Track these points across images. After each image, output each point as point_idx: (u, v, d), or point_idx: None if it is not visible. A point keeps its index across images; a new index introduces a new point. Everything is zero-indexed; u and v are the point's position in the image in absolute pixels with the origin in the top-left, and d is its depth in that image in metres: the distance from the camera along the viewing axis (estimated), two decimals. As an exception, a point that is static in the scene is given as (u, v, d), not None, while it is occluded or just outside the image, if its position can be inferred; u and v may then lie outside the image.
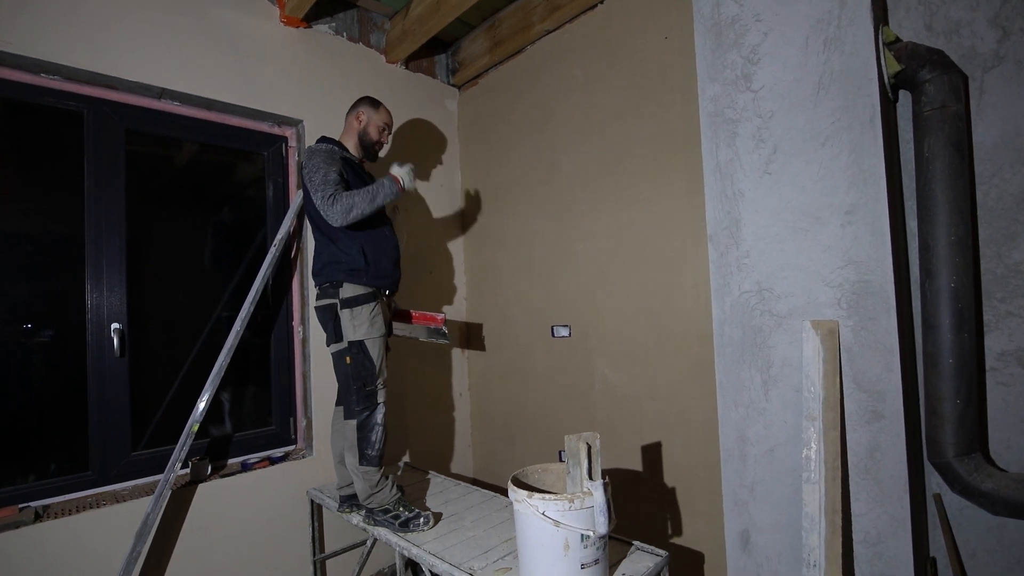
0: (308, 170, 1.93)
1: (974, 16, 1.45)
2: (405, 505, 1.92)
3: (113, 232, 2.07)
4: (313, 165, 1.91)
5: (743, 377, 1.56)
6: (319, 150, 1.97)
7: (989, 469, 1.33)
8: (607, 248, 2.41)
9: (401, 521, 1.86)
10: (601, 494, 1.39)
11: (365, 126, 2.11)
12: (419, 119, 2.98)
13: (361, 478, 1.89)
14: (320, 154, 1.94)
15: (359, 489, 1.92)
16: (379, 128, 2.14)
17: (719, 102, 1.62)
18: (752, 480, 1.54)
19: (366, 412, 1.88)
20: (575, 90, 2.54)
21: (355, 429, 1.87)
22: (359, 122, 2.12)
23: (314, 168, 1.90)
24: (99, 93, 2.05)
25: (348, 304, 1.89)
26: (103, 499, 1.95)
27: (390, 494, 1.92)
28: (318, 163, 1.91)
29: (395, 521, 1.86)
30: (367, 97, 2.18)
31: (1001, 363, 1.43)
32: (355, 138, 2.11)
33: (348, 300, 1.90)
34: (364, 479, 1.89)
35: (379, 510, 1.90)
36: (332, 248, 1.95)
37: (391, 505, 1.90)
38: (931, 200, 1.38)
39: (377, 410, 1.90)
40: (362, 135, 2.11)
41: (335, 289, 1.92)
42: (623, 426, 2.34)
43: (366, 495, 1.91)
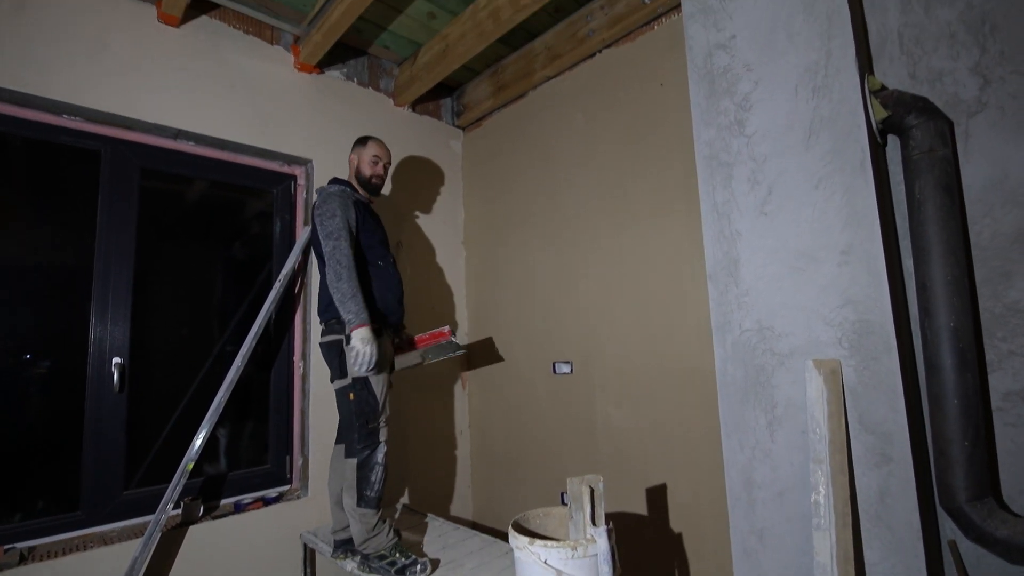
0: (321, 213, 1.95)
1: (955, 65, 1.51)
2: (402, 551, 1.86)
3: (122, 266, 2.10)
4: (328, 210, 1.94)
5: (748, 417, 1.54)
6: (334, 193, 2.01)
7: (1003, 515, 1.29)
8: (608, 284, 2.42)
9: (397, 568, 1.80)
10: (605, 541, 1.35)
11: (357, 165, 2.18)
12: (425, 158, 3.07)
13: (358, 520, 1.84)
14: (335, 198, 1.98)
15: (355, 532, 1.86)
16: (370, 161, 2.17)
17: (714, 146, 1.67)
18: (761, 526, 1.49)
19: (367, 451, 1.85)
20: (575, 132, 2.62)
21: (355, 468, 1.84)
22: (352, 164, 2.20)
23: (328, 213, 1.94)
24: (117, 133, 2.12)
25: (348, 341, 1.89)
26: (90, 541, 1.89)
27: (387, 539, 1.87)
28: (333, 208, 1.94)
29: (391, 568, 1.80)
30: (361, 137, 2.24)
31: (1007, 403, 1.41)
32: (355, 179, 2.18)
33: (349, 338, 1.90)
34: (361, 522, 1.83)
35: (375, 556, 1.84)
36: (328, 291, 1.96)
37: (387, 551, 1.85)
38: (925, 240, 1.40)
39: (378, 449, 1.87)
40: (357, 174, 2.17)
41: (341, 325, 1.92)
42: (627, 466, 2.29)
43: (362, 539, 1.85)
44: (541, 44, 2.71)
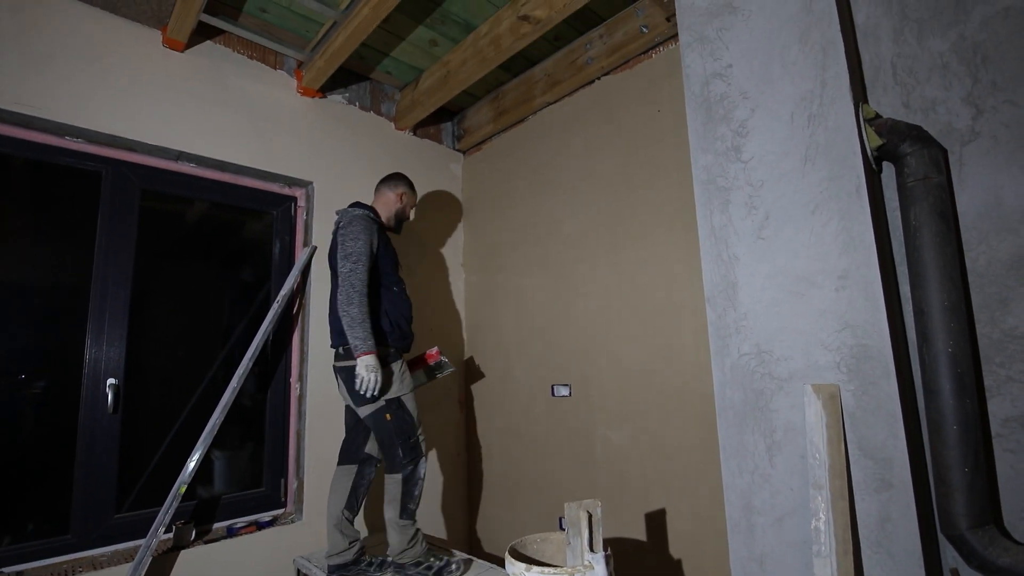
0: (345, 234, 2.01)
1: (948, 95, 1.55)
2: (435, 555, 1.97)
3: (119, 287, 2.09)
4: (352, 232, 2.01)
5: (746, 442, 1.53)
6: (359, 216, 2.06)
7: (1005, 543, 1.28)
8: (607, 307, 2.43)
9: (435, 571, 1.90)
10: (603, 568, 1.33)
11: (405, 206, 2.31)
12: (425, 181, 3.09)
13: (399, 532, 1.92)
14: (360, 221, 2.04)
15: (394, 543, 1.93)
16: (411, 206, 2.37)
17: (711, 171, 1.70)
18: (761, 553, 1.47)
19: (411, 465, 1.93)
20: (574, 156, 2.65)
21: (400, 483, 1.91)
22: (400, 201, 2.29)
23: (352, 235, 2.00)
24: (118, 155, 2.14)
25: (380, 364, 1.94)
26: (79, 566, 1.85)
27: (421, 547, 1.97)
28: (358, 231, 2.01)
29: (428, 572, 1.89)
30: (406, 178, 2.33)
31: (1007, 429, 1.41)
32: (391, 212, 2.27)
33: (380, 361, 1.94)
34: (402, 533, 1.92)
35: (411, 564, 1.92)
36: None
37: (423, 557, 1.95)
38: (922, 266, 1.41)
39: (422, 462, 1.97)
40: (400, 212, 2.29)
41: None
42: (626, 491, 2.27)
43: (400, 550, 1.93)
44: (541, 71, 2.76)
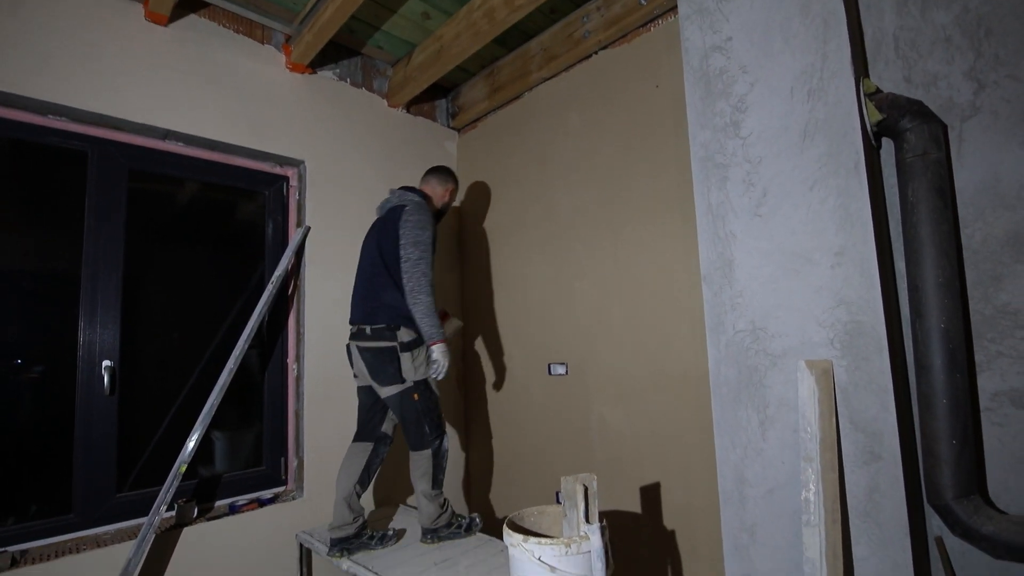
0: (416, 221, 2.07)
1: (950, 69, 1.53)
2: (458, 515, 2.16)
3: (110, 269, 2.07)
4: (422, 220, 2.09)
5: (740, 417, 1.56)
6: (423, 206, 2.15)
7: (989, 512, 1.32)
8: (603, 287, 2.43)
9: (465, 527, 2.13)
10: (598, 538, 1.36)
11: (449, 202, 2.40)
12: (419, 160, 3.05)
13: (432, 502, 2.07)
14: (425, 211, 2.13)
15: (429, 514, 2.07)
16: (451, 201, 2.46)
17: (709, 148, 1.68)
18: (752, 523, 1.51)
19: (438, 440, 2.07)
20: (571, 134, 2.62)
21: (430, 458, 2.05)
22: (447, 197, 2.39)
23: (423, 224, 2.08)
24: (105, 134, 2.10)
25: (409, 347, 2.02)
26: (84, 543, 1.88)
27: (448, 511, 2.13)
28: (427, 220, 2.10)
29: (460, 530, 2.11)
30: (455, 176, 2.42)
31: (995, 403, 1.44)
32: (436, 205, 2.35)
33: (408, 344, 2.02)
34: (434, 502, 2.07)
35: (443, 527, 2.09)
36: (396, 294, 2.06)
37: (452, 519, 2.13)
38: (918, 243, 1.42)
39: (445, 437, 2.12)
40: (443, 207, 2.39)
41: (392, 332, 2.02)
42: (621, 467, 2.31)
43: (434, 517, 2.08)
44: (537, 45, 2.70)
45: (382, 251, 2.11)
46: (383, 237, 2.13)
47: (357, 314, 2.15)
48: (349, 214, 2.68)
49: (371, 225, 2.31)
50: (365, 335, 2.07)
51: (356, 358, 2.13)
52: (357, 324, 2.13)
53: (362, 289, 2.15)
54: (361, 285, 2.17)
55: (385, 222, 2.18)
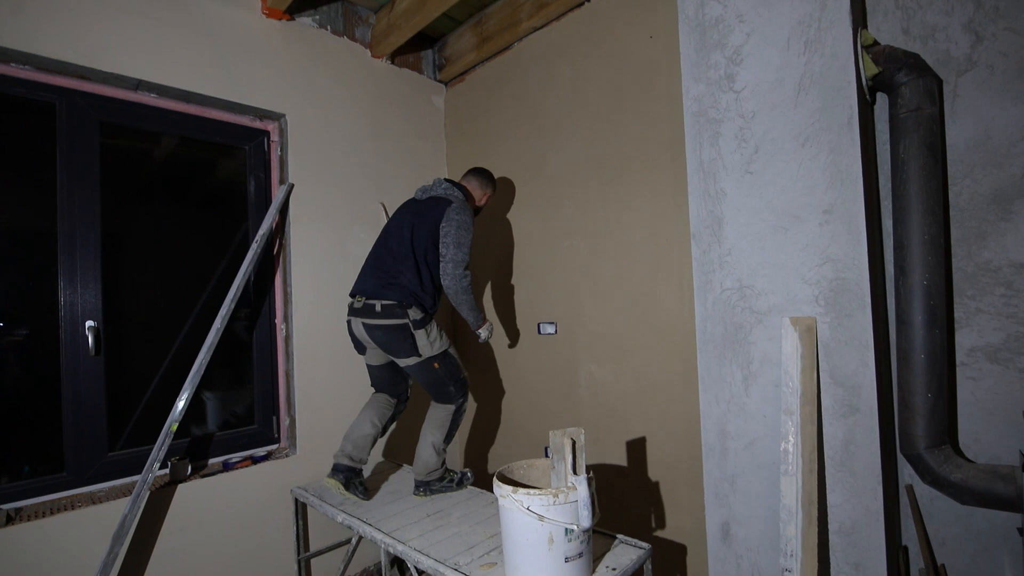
0: (460, 222, 2.09)
1: (949, 21, 1.49)
2: (450, 470, 2.22)
3: (87, 227, 2.01)
4: (466, 221, 2.12)
5: (724, 373, 1.59)
6: (467, 208, 2.17)
7: (958, 460, 1.38)
8: (593, 245, 2.42)
9: (457, 480, 2.20)
10: (585, 488, 1.41)
11: (485, 199, 2.40)
12: (405, 115, 2.96)
13: (436, 454, 2.14)
14: (469, 212, 2.16)
15: (429, 463, 2.14)
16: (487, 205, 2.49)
17: (703, 102, 1.64)
18: (732, 473, 1.57)
19: (462, 398, 2.18)
20: (562, 88, 2.54)
21: (452, 413, 2.16)
22: (485, 201, 2.40)
23: (467, 225, 2.11)
24: (72, 84, 1.99)
25: (421, 324, 2.06)
26: (78, 501, 1.90)
27: (445, 466, 2.22)
28: (469, 222, 2.13)
29: (452, 484, 2.18)
30: (495, 181, 2.43)
31: (971, 358, 1.48)
32: (473, 204, 2.34)
33: (420, 320, 2.06)
34: (438, 455, 2.15)
35: (435, 480, 2.16)
36: (415, 279, 2.08)
37: (444, 473, 2.19)
38: (906, 200, 1.42)
39: (468, 398, 2.24)
40: (480, 208, 2.40)
41: (403, 310, 2.04)
42: (608, 422, 2.37)
43: (431, 468, 2.14)
44: (526, -10, 2.58)
45: (414, 236, 2.11)
46: (419, 223, 2.13)
47: (367, 286, 2.12)
48: (334, 171, 2.61)
49: (403, 204, 2.30)
50: (373, 312, 2.06)
51: (362, 335, 2.13)
52: (364, 297, 2.09)
53: (380, 264, 2.14)
54: (379, 260, 2.15)
55: (423, 209, 2.17)
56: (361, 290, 2.13)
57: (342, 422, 2.53)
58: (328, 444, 2.47)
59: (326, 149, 2.58)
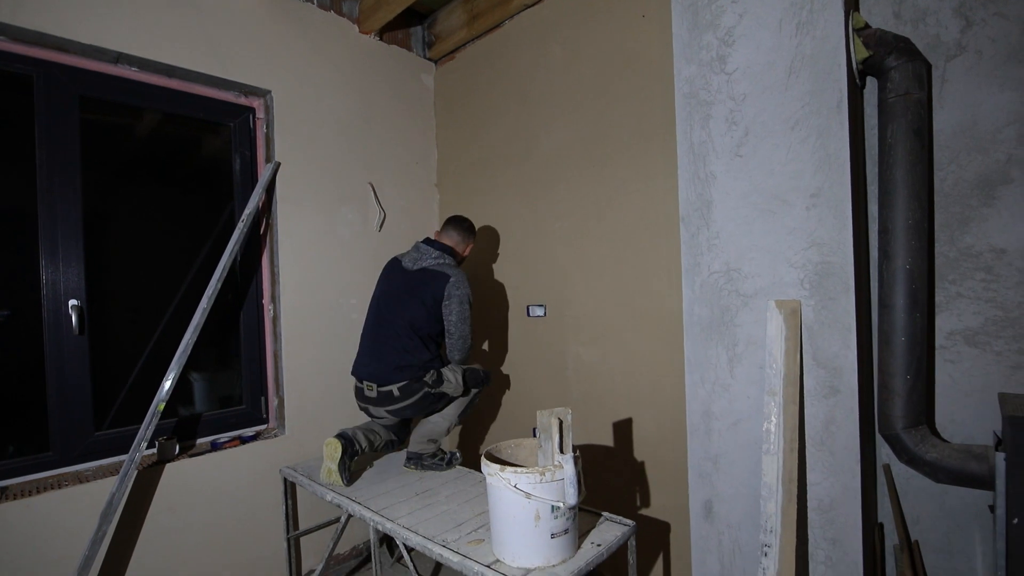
0: (458, 298, 2.14)
1: (940, 5, 1.49)
2: (441, 449, 2.31)
3: (68, 205, 1.97)
4: (464, 296, 2.16)
5: (710, 355, 1.61)
6: (463, 278, 2.19)
7: (934, 440, 1.42)
8: (583, 228, 2.42)
9: (447, 460, 2.27)
10: (571, 467, 1.43)
11: (467, 251, 2.38)
12: (394, 93, 2.91)
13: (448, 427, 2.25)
14: (465, 282, 2.19)
15: (435, 431, 2.22)
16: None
17: (694, 83, 1.63)
18: (716, 453, 1.60)
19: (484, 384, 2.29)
20: (553, 68, 2.51)
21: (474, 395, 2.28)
22: (467, 253, 2.38)
23: (464, 299, 2.17)
24: (50, 56, 1.93)
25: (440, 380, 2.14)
26: (65, 480, 1.90)
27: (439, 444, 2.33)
28: (467, 293, 2.18)
29: (442, 462, 2.25)
30: (475, 230, 2.42)
31: (950, 342, 1.51)
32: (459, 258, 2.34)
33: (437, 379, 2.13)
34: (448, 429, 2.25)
35: (427, 456, 2.25)
36: (425, 354, 2.13)
37: (437, 451, 2.28)
38: (891, 185, 1.43)
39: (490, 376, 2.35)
40: (462, 256, 2.36)
41: (420, 383, 2.11)
42: (596, 404, 2.40)
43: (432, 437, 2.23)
44: (518, -34, 2.53)
45: (414, 316, 2.13)
46: (414, 302, 2.14)
47: (375, 371, 2.13)
48: (321, 150, 2.57)
49: (390, 268, 2.30)
50: (393, 398, 2.10)
51: (386, 417, 2.20)
52: (376, 384, 2.12)
53: (382, 344, 2.15)
54: (380, 340, 2.16)
55: (416, 284, 2.17)
56: (370, 375, 2.15)
57: (331, 403, 2.54)
58: (317, 425, 2.48)
59: (313, 127, 2.54)
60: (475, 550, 1.55)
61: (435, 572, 2.53)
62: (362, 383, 2.19)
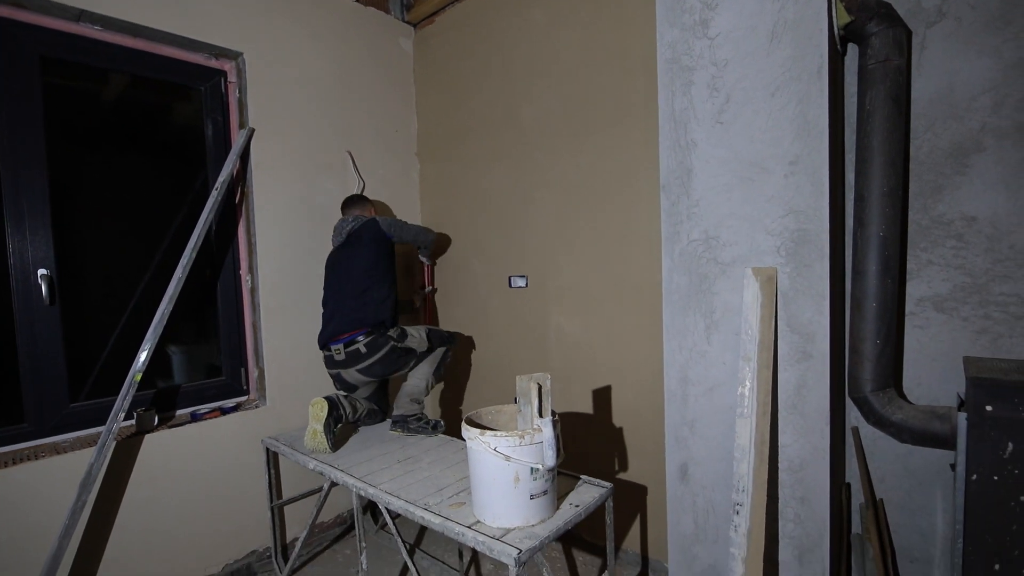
0: (389, 221, 2.37)
1: (922, -30, 1.48)
2: (426, 415, 2.37)
3: (33, 171, 1.90)
4: (392, 219, 2.41)
5: (688, 323, 1.63)
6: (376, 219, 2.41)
7: (900, 402, 1.47)
8: (565, 198, 2.41)
9: (432, 425, 2.32)
10: (550, 430, 1.45)
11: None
12: (372, 58, 2.82)
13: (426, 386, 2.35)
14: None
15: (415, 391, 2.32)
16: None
17: (677, 48, 1.61)
18: (692, 418, 1.64)
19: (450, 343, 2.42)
20: (535, 33, 2.46)
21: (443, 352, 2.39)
22: (374, 212, 2.55)
23: (396, 220, 2.43)
24: (7, 12, 1.83)
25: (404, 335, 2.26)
26: (42, 451, 1.88)
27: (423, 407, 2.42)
28: (391, 219, 2.41)
29: (427, 427, 2.30)
30: (367, 197, 2.59)
31: (919, 308, 1.55)
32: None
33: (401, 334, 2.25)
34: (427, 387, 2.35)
35: (413, 418, 2.30)
36: (378, 292, 2.26)
37: (422, 415, 2.34)
38: (868, 152, 1.44)
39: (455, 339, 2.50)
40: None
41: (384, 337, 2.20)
42: (577, 373, 2.42)
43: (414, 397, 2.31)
44: (499, -75, 2.44)
45: (362, 264, 2.27)
46: (355, 253, 2.30)
47: (337, 326, 2.21)
48: (297, 116, 2.50)
49: (330, 258, 2.42)
50: (360, 355, 2.18)
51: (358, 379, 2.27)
52: (343, 345, 2.19)
53: (339, 304, 2.26)
54: (337, 300, 2.27)
55: (351, 244, 2.33)
56: (332, 333, 2.23)
57: (311, 373, 2.53)
58: (298, 396, 2.48)
59: (288, 92, 2.46)
60: (456, 512, 1.58)
61: (419, 538, 2.59)
62: (330, 349, 2.23)
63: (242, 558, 2.29)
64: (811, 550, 1.44)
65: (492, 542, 1.41)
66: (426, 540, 2.56)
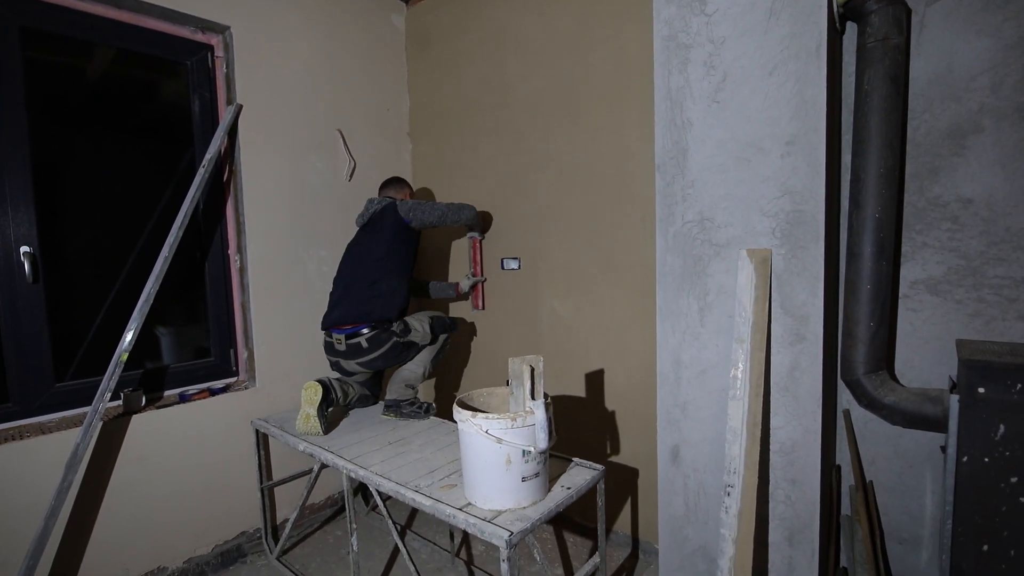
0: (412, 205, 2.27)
1: (924, -54, 1.45)
2: (419, 399, 2.33)
3: (14, 146, 1.85)
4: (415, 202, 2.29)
5: (681, 305, 1.62)
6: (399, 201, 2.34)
7: (892, 384, 1.47)
8: (559, 179, 2.38)
9: (424, 409, 2.28)
10: (542, 412, 1.44)
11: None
12: (364, 36, 2.76)
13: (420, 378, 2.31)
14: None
15: (411, 377, 2.27)
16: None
17: (673, 25, 1.58)
18: (684, 400, 1.63)
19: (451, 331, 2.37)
20: (530, 10, 2.41)
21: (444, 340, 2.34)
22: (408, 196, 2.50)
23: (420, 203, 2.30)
24: (-20, -21, 1.77)
25: (407, 329, 2.21)
26: (27, 431, 1.85)
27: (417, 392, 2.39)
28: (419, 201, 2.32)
29: (420, 411, 2.27)
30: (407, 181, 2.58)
31: (913, 291, 1.55)
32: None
33: (403, 329, 2.20)
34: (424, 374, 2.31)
35: (405, 403, 2.26)
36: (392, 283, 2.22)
37: (414, 399, 2.30)
38: (866, 132, 1.42)
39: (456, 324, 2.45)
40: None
41: (387, 332, 2.16)
42: (570, 357, 2.42)
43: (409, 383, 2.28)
44: (495, -102, 2.38)
45: (379, 250, 2.22)
46: (373, 239, 2.25)
47: (343, 315, 2.17)
48: (286, 93, 2.44)
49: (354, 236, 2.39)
50: (362, 349, 2.14)
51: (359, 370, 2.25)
52: (345, 336, 2.16)
53: (349, 289, 2.21)
54: (348, 284, 2.23)
55: (371, 227, 2.29)
56: (336, 320, 2.18)
57: (302, 355, 2.51)
58: (288, 377, 2.46)
59: (276, 68, 2.40)
60: (447, 494, 1.57)
61: (410, 520, 2.59)
62: (331, 336, 2.20)
63: (232, 539, 2.29)
64: (801, 531, 1.45)
65: (483, 524, 1.40)
66: (417, 522, 2.57)
